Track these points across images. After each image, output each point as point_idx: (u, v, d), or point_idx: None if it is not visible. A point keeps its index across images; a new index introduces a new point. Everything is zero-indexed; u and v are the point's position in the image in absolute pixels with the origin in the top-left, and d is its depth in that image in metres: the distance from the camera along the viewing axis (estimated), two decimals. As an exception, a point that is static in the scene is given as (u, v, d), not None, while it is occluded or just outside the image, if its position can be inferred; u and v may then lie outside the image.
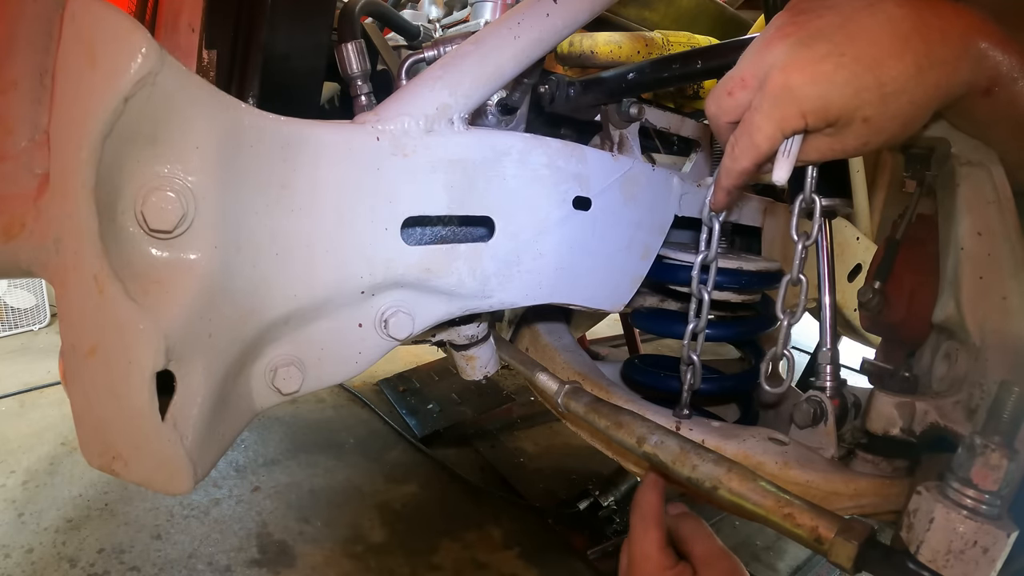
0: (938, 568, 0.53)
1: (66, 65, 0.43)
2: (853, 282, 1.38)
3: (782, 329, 0.65)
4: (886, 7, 0.50)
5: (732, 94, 0.55)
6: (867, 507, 0.75)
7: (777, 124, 0.52)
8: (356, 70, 0.75)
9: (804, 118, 0.51)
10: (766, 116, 0.52)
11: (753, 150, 0.55)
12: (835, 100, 0.50)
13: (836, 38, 0.50)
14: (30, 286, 3.20)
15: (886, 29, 0.49)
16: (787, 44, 0.51)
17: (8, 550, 1.73)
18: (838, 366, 0.79)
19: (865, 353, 1.07)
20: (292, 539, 1.89)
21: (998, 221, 0.74)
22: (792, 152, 0.54)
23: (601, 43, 1.18)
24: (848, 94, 0.49)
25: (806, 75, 0.50)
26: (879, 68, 0.49)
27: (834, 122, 0.51)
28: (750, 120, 0.54)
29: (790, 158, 0.54)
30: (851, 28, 0.50)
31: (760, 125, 0.53)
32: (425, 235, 0.70)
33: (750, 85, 0.54)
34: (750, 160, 0.56)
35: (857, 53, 0.49)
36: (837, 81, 0.49)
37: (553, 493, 2.21)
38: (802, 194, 0.62)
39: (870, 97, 0.49)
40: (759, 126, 0.53)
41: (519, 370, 0.89)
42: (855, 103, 0.49)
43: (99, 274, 0.45)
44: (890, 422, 0.74)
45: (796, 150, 0.54)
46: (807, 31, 0.51)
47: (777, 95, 0.51)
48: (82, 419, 0.48)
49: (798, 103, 0.50)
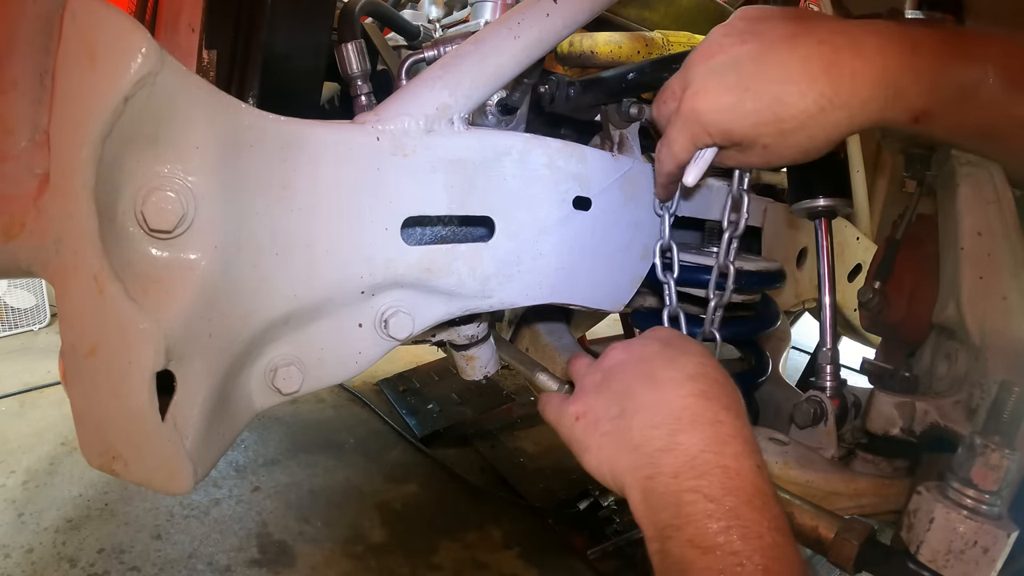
0: (938, 568, 0.53)
1: (66, 65, 0.43)
2: (853, 282, 1.38)
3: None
4: (805, 42, 0.51)
5: (666, 103, 0.61)
6: (867, 507, 0.75)
7: (689, 139, 0.59)
8: (356, 70, 0.75)
9: (711, 137, 0.57)
10: (679, 131, 0.59)
11: (672, 158, 0.62)
12: (735, 129, 0.55)
13: (747, 69, 0.53)
14: (30, 286, 3.20)
15: (796, 67, 0.51)
16: (704, 68, 0.56)
17: (8, 550, 1.73)
18: (838, 366, 0.79)
19: (865, 353, 1.07)
20: (292, 539, 1.88)
21: (998, 221, 0.74)
22: (703, 160, 0.61)
23: (601, 43, 1.18)
24: (747, 125, 0.54)
25: (711, 104, 0.55)
26: (779, 106, 0.52)
27: (736, 141, 0.56)
28: (669, 131, 0.61)
29: (700, 165, 0.61)
30: (764, 60, 0.52)
31: (675, 138, 0.60)
32: (425, 235, 0.70)
33: (677, 97, 0.59)
34: (671, 165, 0.63)
35: (760, 89, 0.52)
36: (738, 113, 0.54)
37: (553, 493, 2.21)
38: (730, 188, 0.72)
39: (768, 131, 0.53)
40: (674, 138, 0.60)
41: (519, 370, 0.89)
42: (754, 134, 0.54)
43: (99, 274, 0.45)
44: (890, 422, 0.74)
45: (707, 160, 0.61)
46: (725, 56, 0.55)
47: (687, 116, 0.57)
48: (82, 419, 0.48)
49: (704, 126, 0.56)
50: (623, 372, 0.56)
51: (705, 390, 0.51)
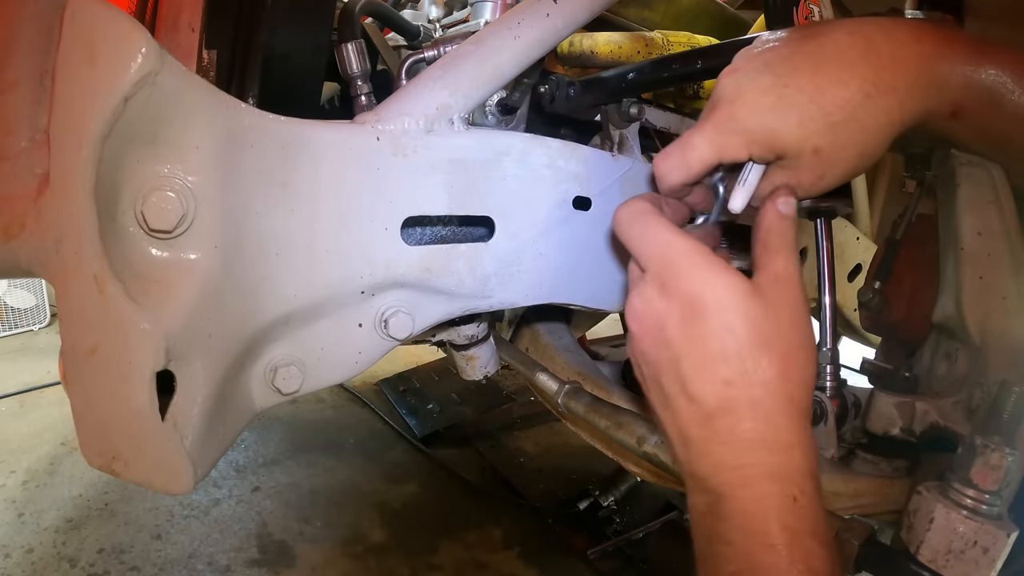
0: (938, 568, 0.53)
1: (66, 65, 0.43)
2: (853, 282, 1.39)
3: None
4: (834, 35, 0.49)
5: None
6: (867, 507, 0.75)
7: (715, 150, 0.50)
8: (356, 70, 0.75)
9: (748, 149, 0.50)
10: (706, 139, 0.50)
11: (684, 168, 0.52)
12: (780, 131, 0.48)
13: (780, 69, 0.49)
14: (30, 286, 3.19)
15: (831, 57, 0.48)
16: (734, 78, 0.51)
17: (8, 550, 1.73)
18: (838, 366, 0.80)
19: (865, 353, 1.07)
20: (292, 539, 1.88)
21: (998, 221, 0.74)
22: (750, 182, 0.52)
23: (601, 43, 1.18)
24: (792, 123, 0.48)
25: (750, 108, 0.49)
26: (822, 96, 0.48)
27: (782, 154, 0.49)
28: (687, 139, 0.51)
29: (747, 188, 0.52)
30: (796, 59, 0.49)
31: (696, 144, 0.51)
32: (425, 235, 0.70)
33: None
34: (679, 178, 0.52)
35: (800, 83, 0.48)
36: (781, 111, 0.48)
37: (553, 493, 2.21)
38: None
39: (816, 127, 0.48)
40: (695, 145, 0.51)
41: (519, 370, 0.89)
42: (801, 133, 0.48)
43: (99, 274, 0.45)
44: (890, 422, 0.74)
45: (755, 180, 0.52)
46: (754, 64, 0.51)
47: (721, 122, 0.50)
48: (82, 419, 0.48)
49: (742, 135, 0.49)
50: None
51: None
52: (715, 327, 0.45)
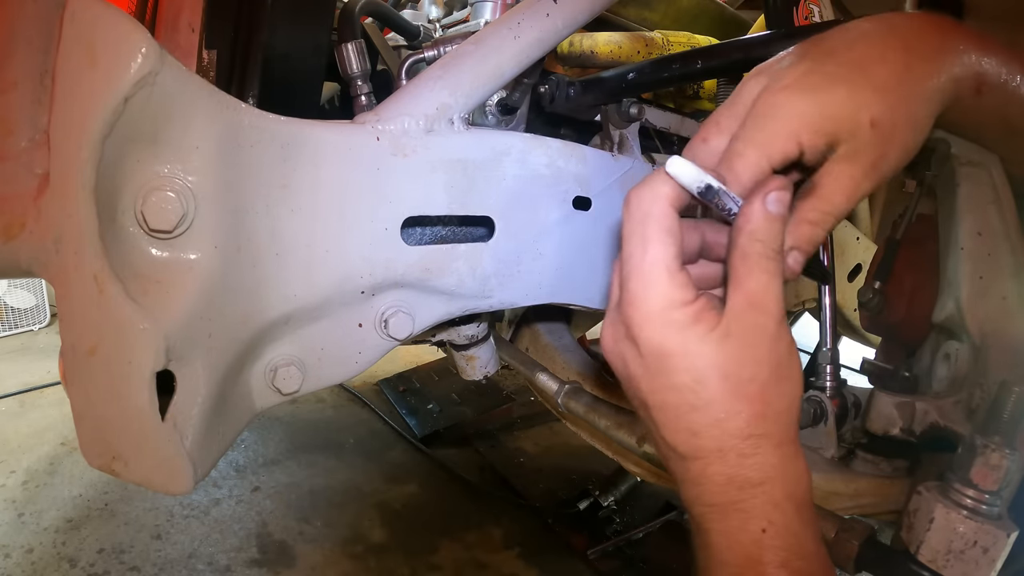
0: (938, 568, 0.53)
1: (66, 65, 0.43)
2: (853, 282, 1.39)
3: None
4: (852, 26, 0.49)
5: (707, 140, 0.48)
6: (867, 507, 0.75)
7: (762, 151, 0.44)
8: (356, 70, 0.75)
9: (797, 138, 0.44)
10: (748, 142, 0.45)
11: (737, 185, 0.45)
12: (831, 105, 0.44)
13: (814, 54, 0.47)
14: (30, 286, 3.20)
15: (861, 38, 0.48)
16: (765, 75, 0.47)
17: (8, 550, 1.73)
18: (838, 366, 0.80)
19: (865, 353, 1.07)
20: (292, 539, 1.88)
21: (998, 221, 0.74)
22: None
23: (601, 43, 1.18)
24: (842, 95, 0.44)
25: (794, 90, 0.45)
26: (866, 70, 0.45)
27: (835, 135, 0.45)
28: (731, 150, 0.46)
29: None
30: (826, 45, 0.48)
31: (741, 151, 0.45)
32: (425, 235, 0.70)
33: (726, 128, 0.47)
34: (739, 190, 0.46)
35: (840, 60, 0.46)
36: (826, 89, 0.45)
37: (553, 493, 2.21)
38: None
39: (866, 98, 0.45)
40: (740, 152, 0.45)
41: (519, 370, 0.89)
42: (852, 105, 0.44)
43: (99, 274, 0.45)
44: (890, 422, 0.74)
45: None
46: (782, 60, 0.48)
47: (763, 114, 0.45)
48: (82, 419, 0.48)
49: (790, 121, 0.44)
50: None
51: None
52: (684, 382, 0.43)
